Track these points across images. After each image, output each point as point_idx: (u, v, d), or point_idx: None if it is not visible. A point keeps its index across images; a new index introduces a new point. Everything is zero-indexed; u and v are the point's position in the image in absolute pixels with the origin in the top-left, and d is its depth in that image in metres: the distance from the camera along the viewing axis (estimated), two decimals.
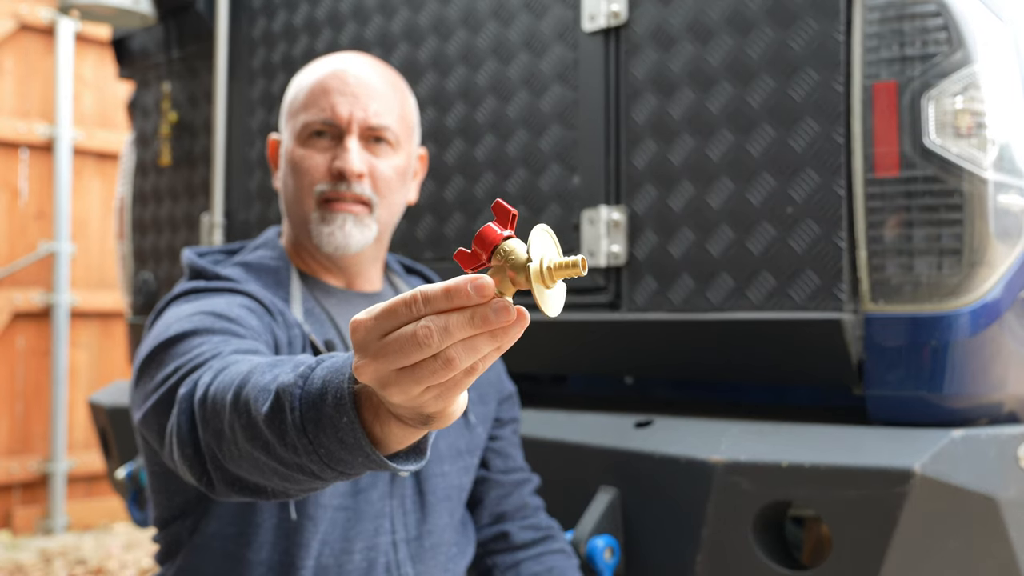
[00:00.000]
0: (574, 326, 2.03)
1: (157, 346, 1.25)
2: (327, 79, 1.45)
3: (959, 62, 1.63)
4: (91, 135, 5.48)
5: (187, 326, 1.24)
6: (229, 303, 1.31)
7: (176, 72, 2.95)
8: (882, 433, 1.63)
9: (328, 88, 1.44)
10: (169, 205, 2.96)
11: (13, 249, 5.24)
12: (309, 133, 1.45)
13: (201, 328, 1.23)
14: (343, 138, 1.44)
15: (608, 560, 1.75)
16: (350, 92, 1.44)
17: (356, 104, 1.44)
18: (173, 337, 1.23)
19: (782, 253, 1.75)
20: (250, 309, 1.32)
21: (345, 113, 1.43)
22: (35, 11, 5.26)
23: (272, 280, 1.44)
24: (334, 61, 1.49)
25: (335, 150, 1.44)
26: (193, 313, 1.27)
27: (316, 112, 1.44)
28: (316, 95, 1.45)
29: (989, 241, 1.63)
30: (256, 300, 1.36)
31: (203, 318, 1.25)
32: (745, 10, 1.81)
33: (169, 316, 1.31)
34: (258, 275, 1.44)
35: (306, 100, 1.46)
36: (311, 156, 1.44)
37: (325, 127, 1.44)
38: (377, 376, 0.75)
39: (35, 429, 5.29)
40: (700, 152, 1.86)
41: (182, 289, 1.40)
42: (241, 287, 1.37)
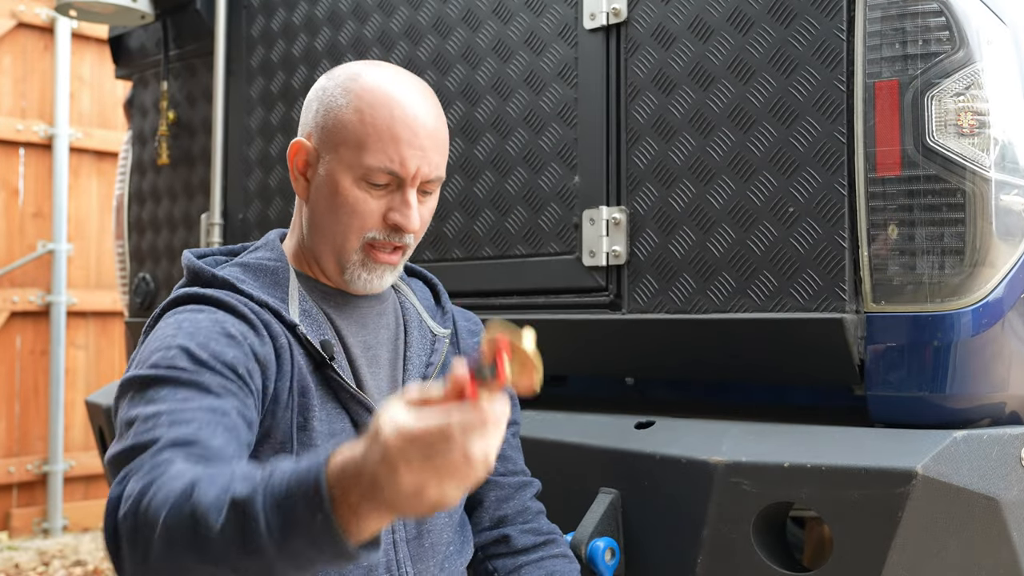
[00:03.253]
0: (574, 326, 2.02)
1: (131, 380, 1.27)
2: (398, 127, 1.39)
3: (961, 61, 1.62)
4: (89, 134, 5.47)
5: (161, 370, 1.25)
6: (211, 330, 1.30)
7: (174, 71, 2.94)
8: (883, 433, 1.63)
9: (398, 138, 1.38)
10: (167, 204, 2.95)
11: (11, 249, 5.23)
12: (370, 178, 1.39)
13: (170, 378, 1.24)
14: (403, 189, 1.41)
15: (609, 561, 1.75)
16: (419, 145, 1.39)
17: (424, 159, 1.40)
18: (145, 378, 1.25)
19: (783, 252, 1.75)
20: (230, 336, 1.30)
21: (413, 168, 1.39)
22: (33, 9, 5.25)
23: (270, 280, 1.43)
24: (400, 95, 1.41)
25: (390, 198, 1.41)
26: (171, 345, 1.27)
27: (384, 160, 1.38)
28: (385, 141, 1.38)
29: (991, 241, 1.62)
30: (241, 317, 1.34)
31: (178, 355, 1.25)
32: (746, 8, 1.80)
33: (158, 334, 1.32)
34: (256, 275, 1.44)
35: (371, 142, 1.38)
36: (367, 201, 1.40)
37: (389, 178, 1.40)
38: (417, 483, 0.90)
39: (33, 430, 5.28)
40: (701, 151, 1.85)
41: (175, 296, 1.40)
42: (232, 299, 1.36)
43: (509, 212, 2.13)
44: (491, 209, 2.16)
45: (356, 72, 1.44)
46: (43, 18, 5.29)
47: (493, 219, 2.16)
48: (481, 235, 2.18)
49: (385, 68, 1.47)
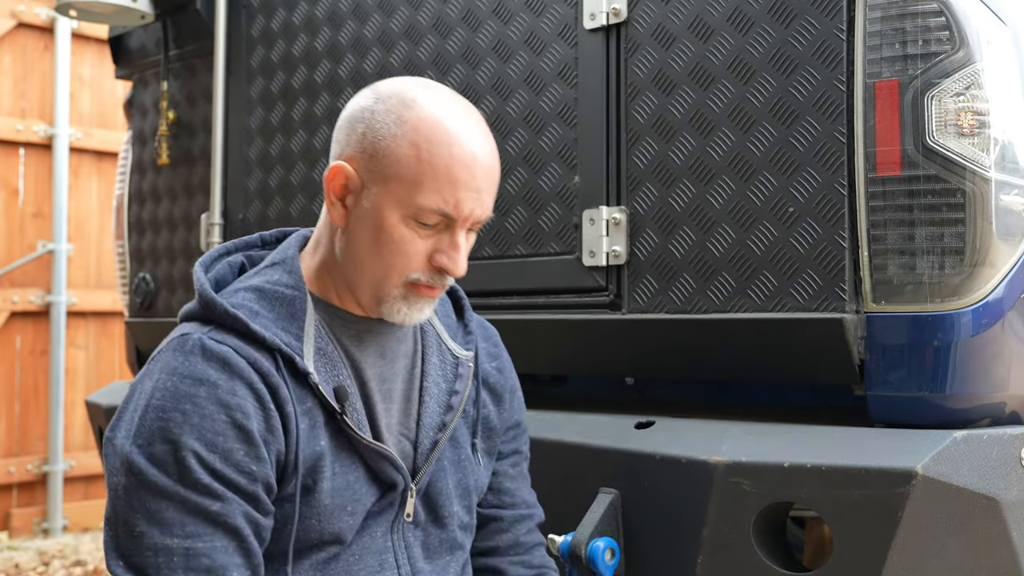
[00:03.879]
0: (574, 326, 2.02)
1: (132, 466, 1.22)
2: (457, 168, 1.30)
3: (961, 61, 1.62)
4: (89, 134, 5.47)
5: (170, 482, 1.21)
6: (218, 421, 1.24)
7: (174, 71, 2.94)
8: (884, 433, 1.63)
9: (456, 180, 1.30)
10: (167, 204, 2.95)
11: (11, 249, 5.23)
12: (420, 218, 1.31)
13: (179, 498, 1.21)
14: (452, 230, 1.33)
15: (609, 561, 1.75)
16: (475, 187, 1.32)
17: (478, 201, 1.33)
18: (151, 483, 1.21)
19: (783, 252, 1.75)
20: (239, 428, 1.24)
21: (467, 211, 1.32)
22: (33, 9, 5.25)
23: (286, 311, 1.34)
24: (460, 132, 1.32)
25: (437, 238, 1.33)
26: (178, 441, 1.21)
27: (438, 202, 1.30)
28: (442, 183, 1.29)
29: (991, 241, 1.62)
30: (249, 387, 1.26)
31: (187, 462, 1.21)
32: (746, 8, 1.80)
33: (160, 397, 1.25)
34: (271, 305, 1.34)
35: (427, 181, 1.30)
36: (414, 241, 1.32)
37: (439, 218, 1.32)
38: None
39: (33, 430, 5.28)
40: (701, 151, 1.85)
41: (183, 338, 1.31)
42: (241, 357, 1.28)
43: (509, 212, 2.13)
44: None
45: (411, 98, 1.33)
46: (43, 18, 5.29)
47: (493, 219, 2.16)
48: (481, 235, 2.18)
49: (441, 95, 1.36)
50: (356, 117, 1.35)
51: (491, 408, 1.55)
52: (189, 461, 1.21)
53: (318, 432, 1.31)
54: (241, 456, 1.24)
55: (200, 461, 1.22)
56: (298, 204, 2.53)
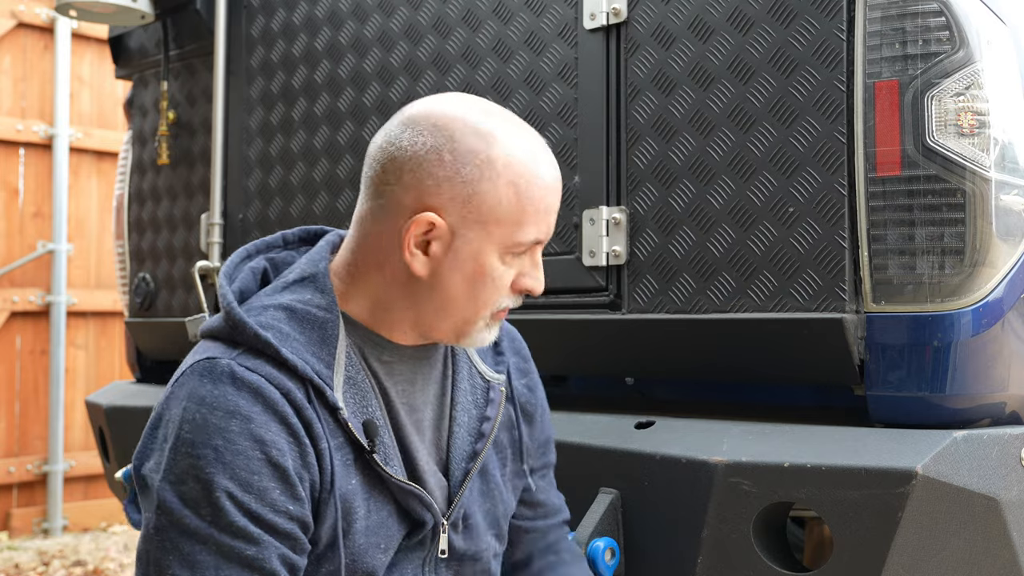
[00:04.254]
0: (574, 326, 2.02)
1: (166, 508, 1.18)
2: (551, 197, 1.33)
3: (961, 61, 1.62)
4: (89, 134, 5.47)
5: (204, 525, 1.16)
6: (252, 458, 1.18)
7: (174, 71, 2.94)
8: (883, 434, 1.63)
9: (551, 208, 1.33)
10: (167, 204, 2.95)
11: (11, 249, 5.23)
12: (518, 251, 1.31)
13: (213, 540, 1.16)
14: (534, 249, 1.34)
15: (609, 561, 1.75)
16: (555, 208, 1.35)
17: (554, 219, 1.36)
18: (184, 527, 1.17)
19: (783, 252, 1.75)
20: (274, 466, 1.19)
21: (551, 232, 1.36)
22: (33, 9, 5.25)
23: (317, 336, 1.28)
24: (542, 160, 1.33)
25: (520, 264, 1.34)
26: (211, 482, 1.17)
27: (534, 232, 1.31)
28: (537, 213, 1.30)
29: (991, 241, 1.62)
30: (282, 422, 1.21)
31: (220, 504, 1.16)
32: (746, 8, 1.80)
33: (190, 429, 1.19)
34: (302, 327, 1.28)
35: (530, 216, 1.30)
36: (508, 273, 1.32)
37: (532, 245, 1.33)
38: None
39: (33, 430, 5.28)
40: (701, 151, 1.85)
41: (209, 362, 1.24)
42: (273, 389, 1.22)
43: None
44: None
45: (487, 131, 1.29)
46: (43, 18, 5.29)
47: None
48: None
49: (505, 119, 1.33)
50: (428, 160, 1.28)
51: (524, 429, 1.52)
52: (223, 502, 1.16)
53: (350, 469, 1.27)
54: (277, 495, 1.19)
55: (234, 502, 1.17)
56: (298, 204, 2.53)
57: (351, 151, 2.41)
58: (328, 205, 2.45)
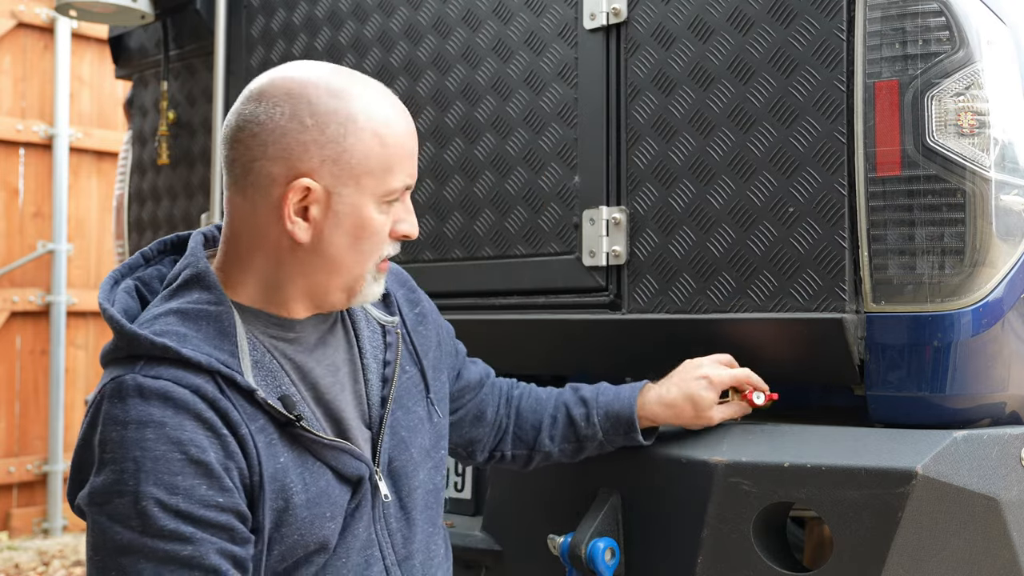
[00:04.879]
0: (574, 326, 2.02)
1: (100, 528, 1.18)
2: (410, 140, 1.37)
3: (961, 61, 1.62)
4: (89, 134, 5.48)
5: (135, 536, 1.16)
6: (172, 461, 1.17)
7: (174, 71, 2.94)
8: (883, 434, 1.63)
9: (412, 151, 1.37)
10: (167, 204, 2.95)
11: (11, 249, 5.23)
12: (391, 198, 1.35)
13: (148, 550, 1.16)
14: (404, 195, 1.38)
15: (609, 561, 1.75)
16: (415, 151, 1.39)
17: (415, 163, 1.40)
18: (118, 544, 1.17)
19: (783, 252, 1.75)
20: (197, 463, 1.19)
21: (416, 174, 1.39)
22: (33, 10, 5.25)
23: (215, 330, 1.28)
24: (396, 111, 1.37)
25: (394, 213, 1.37)
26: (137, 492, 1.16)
27: (403, 177, 1.35)
28: (403, 158, 1.35)
29: (991, 241, 1.62)
30: (198, 420, 1.21)
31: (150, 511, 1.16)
32: (746, 8, 1.80)
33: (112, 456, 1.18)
34: (198, 325, 1.28)
35: (390, 161, 1.33)
36: (385, 222, 1.35)
37: (403, 192, 1.37)
38: None
39: (33, 430, 5.28)
40: (701, 151, 1.85)
41: (113, 384, 1.23)
42: (180, 388, 1.21)
43: (509, 212, 2.13)
44: (491, 209, 2.16)
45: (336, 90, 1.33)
46: (43, 18, 5.29)
47: (493, 219, 2.16)
48: (481, 235, 2.18)
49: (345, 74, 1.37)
50: (290, 129, 1.29)
51: (426, 362, 1.55)
52: (151, 509, 1.16)
53: (276, 449, 1.27)
54: (204, 491, 1.19)
55: (162, 506, 1.17)
56: None
57: None
58: None
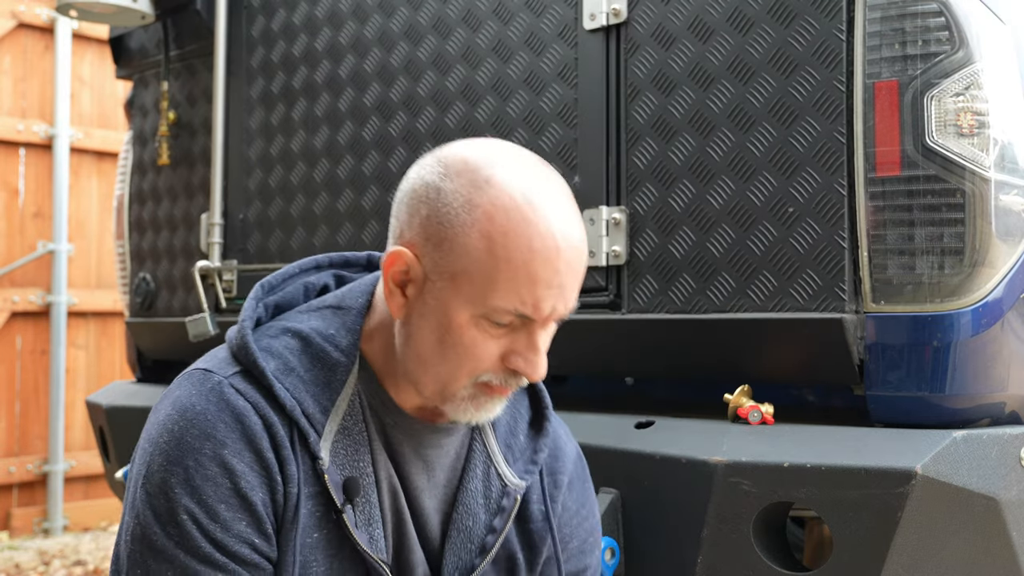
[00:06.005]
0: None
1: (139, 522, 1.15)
2: (538, 265, 1.12)
3: (961, 61, 1.62)
4: (89, 134, 5.47)
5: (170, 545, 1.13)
6: (220, 485, 1.14)
7: (174, 71, 2.94)
8: (883, 433, 1.63)
9: (536, 278, 1.12)
10: (168, 204, 2.95)
11: (11, 249, 5.23)
12: (493, 318, 1.14)
13: (177, 562, 1.13)
14: (531, 331, 1.16)
15: (609, 561, 1.75)
16: (558, 284, 1.13)
17: (561, 297, 1.14)
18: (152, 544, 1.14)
19: (783, 253, 1.75)
20: (242, 497, 1.14)
21: (548, 310, 1.14)
22: (33, 10, 5.25)
23: (324, 377, 1.20)
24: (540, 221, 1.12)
25: (512, 338, 1.16)
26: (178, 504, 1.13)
27: (515, 302, 1.12)
28: (520, 281, 1.12)
29: (991, 241, 1.63)
30: (256, 454, 1.15)
31: (185, 527, 1.13)
32: (746, 8, 1.80)
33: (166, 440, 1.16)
34: (312, 364, 1.20)
35: (502, 279, 1.12)
36: (486, 343, 1.15)
37: (515, 319, 1.15)
38: None
39: (33, 430, 5.28)
40: (701, 151, 1.85)
41: (204, 376, 1.20)
42: (256, 418, 1.16)
43: None
44: None
45: (484, 177, 1.14)
46: (43, 18, 5.29)
47: None
48: None
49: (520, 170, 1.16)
50: (419, 195, 1.17)
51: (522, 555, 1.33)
52: (188, 526, 1.13)
53: (316, 522, 1.19)
54: (243, 527, 1.14)
55: (199, 527, 1.13)
56: (298, 204, 2.53)
57: (351, 152, 2.41)
58: (328, 206, 2.45)
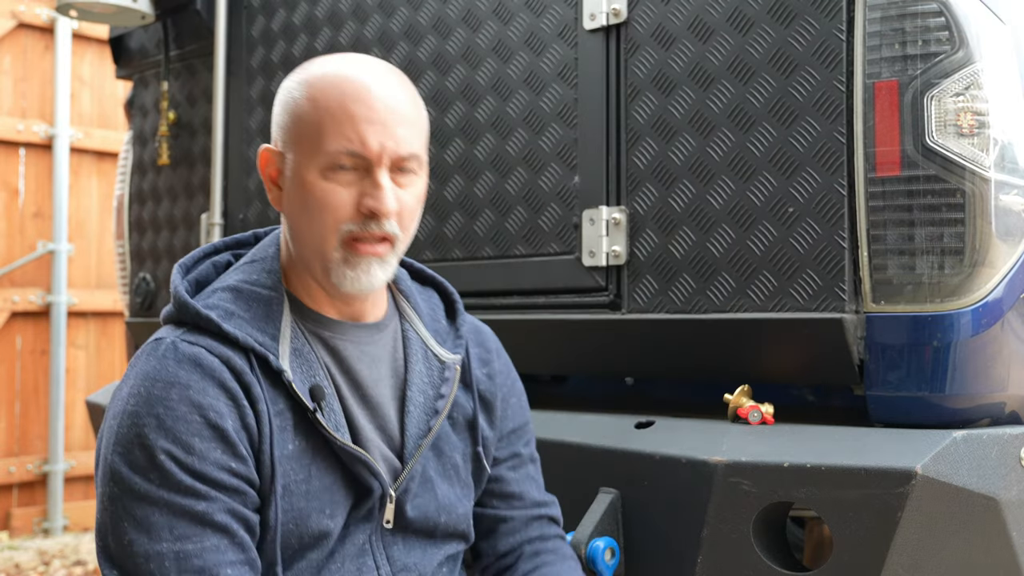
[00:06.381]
0: (574, 326, 2.02)
1: (115, 474, 1.22)
2: (352, 104, 1.30)
3: (961, 61, 1.62)
4: (89, 134, 5.47)
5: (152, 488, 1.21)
6: (191, 422, 1.23)
7: (174, 71, 2.94)
8: (883, 434, 1.63)
9: (354, 116, 1.29)
10: (167, 204, 2.95)
11: (11, 249, 5.23)
12: (333, 165, 1.30)
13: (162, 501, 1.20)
14: (372, 171, 1.30)
15: (609, 561, 1.75)
16: (379, 120, 1.29)
17: (386, 133, 1.29)
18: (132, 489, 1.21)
19: (783, 253, 1.75)
20: (213, 427, 1.24)
21: (376, 146, 1.29)
22: (33, 10, 5.25)
23: (262, 312, 1.33)
24: (351, 74, 1.33)
25: (362, 184, 1.30)
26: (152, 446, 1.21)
27: (342, 142, 1.29)
28: (339, 121, 1.29)
29: (991, 241, 1.63)
30: (221, 387, 1.26)
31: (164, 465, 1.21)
32: (746, 8, 1.80)
33: (135, 400, 1.24)
34: (248, 305, 1.33)
35: (327, 124, 1.30)
36: (336, 191, 1.30)
37: (352, 160, 1.29)
38: None
39: (33, 430, 5.28)
40: (701, 151, 1.85)
41: (158, 338, 1.31)
42: (212, 357, 1.27)
43: (509, 212, 2.13)
44: (491, 209, 2.16)
45: (312, 63, 1.37)
46: (43, 18, 5.29)
47: (493, 219, 2.16)
48: (481, 235, 2.18)
49: (345, 55, 1.39)
50: (275, 101, 1.39)
51: (480, 416, 1.53)
52: (168, 465, 1.21)
53: (287, 435, 1.30)
54: (219, 455, 1.23)
55: (178, 463, 1.21)
56: None
57: None
58: None
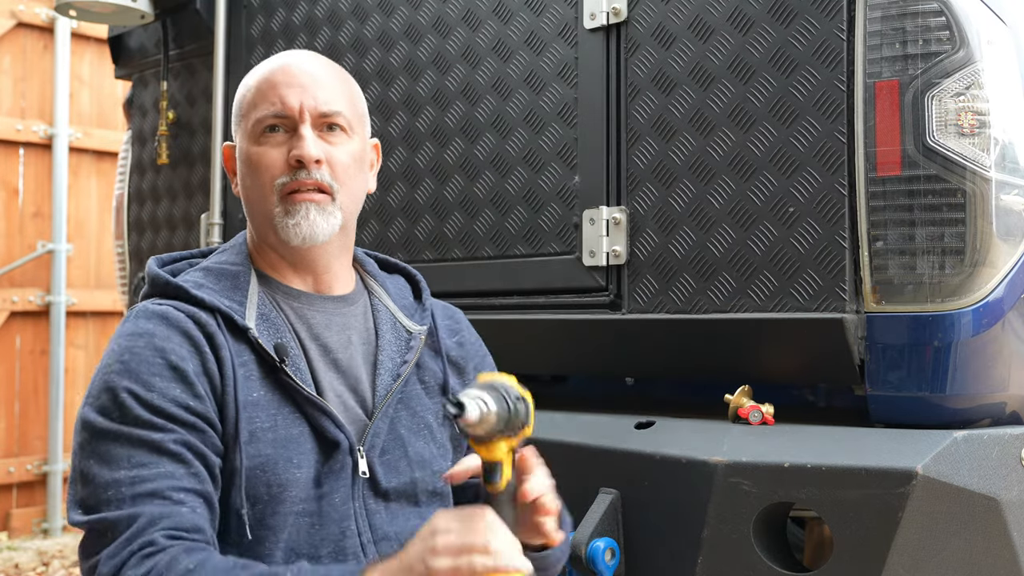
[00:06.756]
0: (574, 326, 2.02)
1: (85, 423, 1.31)
2: (272, 74, 1.46)
3: (961, 61, 1.62)
4: (89, 134, 5.47)
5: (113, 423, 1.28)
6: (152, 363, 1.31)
7: (174, 70, 2.94)
8: (884, 434, 1.63)
9: (275, 82, 1.45)
10: (167, 204, 2.95)
11: (10, 249, 5.23)
12: (262, 129, 1.44)
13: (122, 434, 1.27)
14: (297, 129, 1.44)
15: (609, 561, 1.75)
16: (297, 83, 1.44)
17: (305, 93, 1.44)
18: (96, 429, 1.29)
19: (784, 252, 1.75)
20: (173, 368, 1.32)
21: (295, 103, 1.43)
22: (32, 9, 5.25)
23: (230, 284, 1.44)
24: (276, 58, 1.50)
25: (290, 142, 1.44)
26: (115, 386, 1.30)
27: (266, 107, 1.44)
28: (264, 91, 1.45)
29: (991, 241, 1.62)
30: (183, 335, 1.35)
31: (125, 402, 1.29)
32: (746, 8, 1.80)
33: (107, 354, 1.34)
34: (217, 279, 1.44)
35: (254, 98, 1.46)
36: (267, 152, 1.44)
37: (277, 120, 1.43)
38: None
39: (33, 430, 5.28)
40: (701, 151, 1.85)
41: (134, 308, 1.42)
42: (178, 311, 1.37)
43: (509, 212, 2.13)
44: (491, 209, 2.16)
45: (266, 60, 1.52)
46: (43, 18, 5.29)
47: (493, 219, 2.16)
48: (481, 235, 2.18)
49: (294, 50, 1.54)
50: None
51: (452, 379, 1.57)
52: (128, 402, 1.28)
53: (252, 383, 1.36)
54: (178, 392, 1.30)
55: (137, 399, 1.29)
56: None
57: None
58: None
